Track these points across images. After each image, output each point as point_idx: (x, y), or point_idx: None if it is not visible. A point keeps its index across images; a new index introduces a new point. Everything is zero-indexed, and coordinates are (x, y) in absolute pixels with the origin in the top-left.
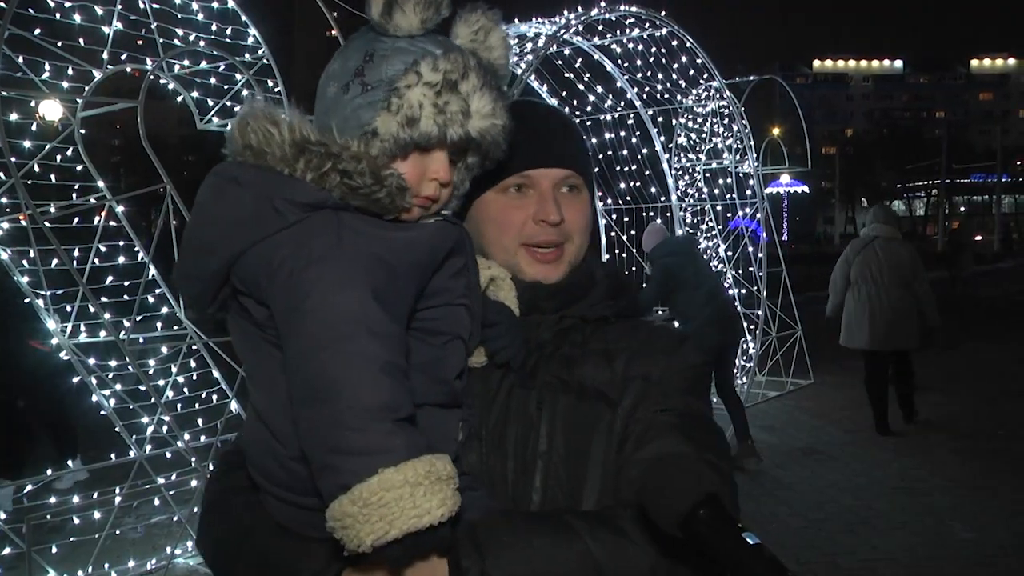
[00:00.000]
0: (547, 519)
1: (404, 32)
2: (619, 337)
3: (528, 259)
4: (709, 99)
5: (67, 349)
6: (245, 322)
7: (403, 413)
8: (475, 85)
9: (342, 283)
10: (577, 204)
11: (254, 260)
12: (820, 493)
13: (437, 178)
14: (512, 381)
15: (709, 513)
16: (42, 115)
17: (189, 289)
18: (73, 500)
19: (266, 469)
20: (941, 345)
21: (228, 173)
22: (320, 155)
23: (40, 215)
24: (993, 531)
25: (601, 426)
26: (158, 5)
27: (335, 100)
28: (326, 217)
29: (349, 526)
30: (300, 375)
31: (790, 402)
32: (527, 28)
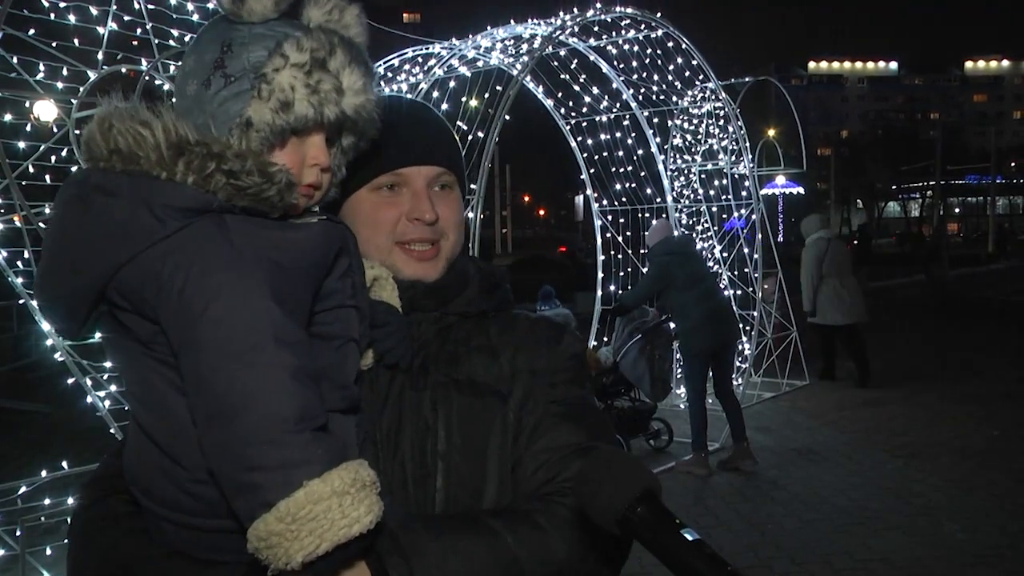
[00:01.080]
0: (466, 521)
1: (259, 17)
2: (500, 331)
3: (404, 258)
4: (705, 100)
5: (62, 350)
6: (126, 340)
7: (319, 421)
8: (343, 61)
9: (242, 290)
10: (450, 201)
11: (136, 273)
12: (815, 494)
13: (317, 163)
14: (402, 382)
15: (647, 510)
16: (37, 116)
17: (56, 312)
18: (68, 502)
19: (160, 493)
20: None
21: (91, 181)
22: (202, 156)
23: (35, 216)
24: (987, 532)
25: (496, 421)
26: (153, 6)
27: (197, 97)
28: (212, 221)
29: (276, 545)
30: (206, 390)
31: (785, 403)
32: (523, 29)
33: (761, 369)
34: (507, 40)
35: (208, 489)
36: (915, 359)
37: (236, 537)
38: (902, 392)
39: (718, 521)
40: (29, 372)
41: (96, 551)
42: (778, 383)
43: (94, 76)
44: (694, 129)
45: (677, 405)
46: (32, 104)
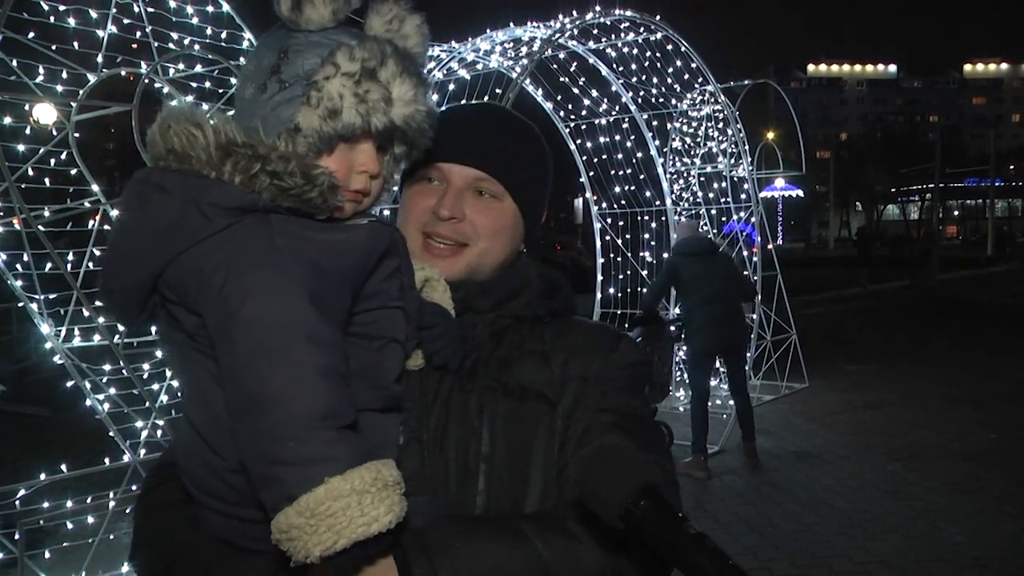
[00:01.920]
0: (496, 524)
1: (316, 25)
2: (555, 337)
3: (422, 250)
4: (704, 103)
5: (61, 353)
6: (175, 332)
7: (346, 420)
8: (394, 72)
9: (279, 289)
10: (488, 209)
11: (183, 268)
12: (814, 496)
13: (366, 170)
14: (451, 384)
15: (649, 505)
16: (36, 119)
17: (114, 302)
18: (67, 505)
19: (203, 482)
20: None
21: (151, 180)
22: (248, 157)
23: (34, 219)
24: (986, 534)
25: (542, 427)
26: (153, 9)
27: (253, 101)
28: (257, 221)
29: (296, 538)
30: (238, 385)
31: (784, 406)
32: (522, 32)
33: (760, 372)
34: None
35: (243, 479)
36: (914, 361)
37: (267, 527)
38: (901, 394)
39: (717, 523)
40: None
41: (150, 535)
42: (777, 386)
43: (93, 79)
44: (693, 132)
45: (676, 408)
46: (31, 107)
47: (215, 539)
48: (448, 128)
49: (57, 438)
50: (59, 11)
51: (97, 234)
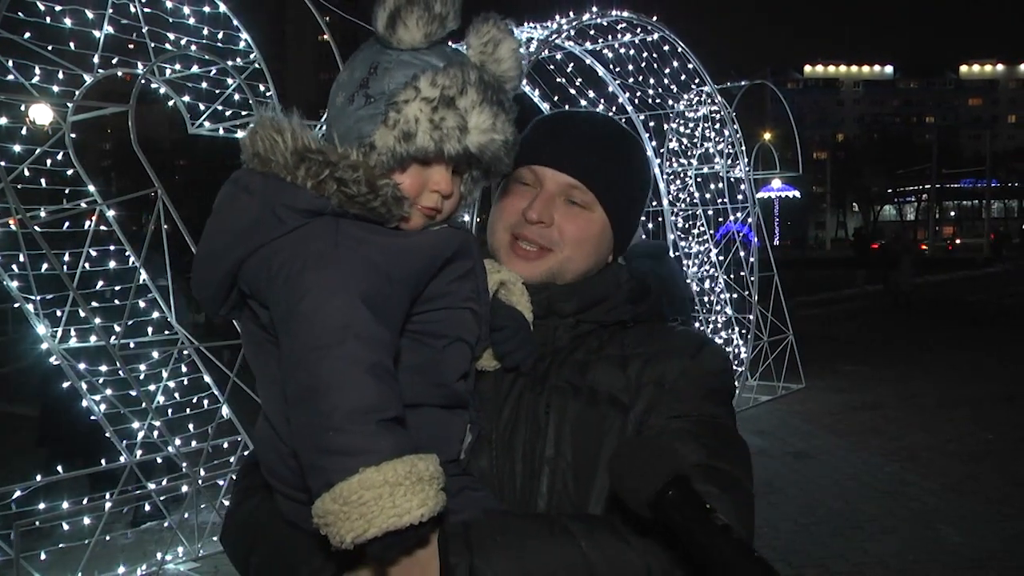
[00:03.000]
0: (544, 521)
1: (407, 46)
2: (637, 342)
3: (508, 250)
4: (700, 104)
5: (57, 354)
6: (252, 324)
7: (389, 414)
8: (474, 101)
9: (333, 288)
10: (577, 218)
11: (256, 264)
12: (811, 497)
13: (438, 190)
14: (523, 385)
15: (678, 495)
16: (32, 119)
17: (203, 293)
18: (63, 506)
19: (271, 466)
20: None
21: (241, 181)
22: (319, 163)
23: (30, 219)
24: (982, 535)
25: (612, 432)
26: (149, 9)
27: (341, 110)
28: (325, 223)
29: (331, 523)
30: (292, 376)
31: (781, 406)
32: (519, 33)
33: (757, 372)
34: None
35: (299, 463)
36: (911, 362)
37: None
38: (898, 395)
39: None
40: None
41: (238, 518)
42: (774, 386)
43: (90, 80)
44: (690, 133)
45: None
46: (28, 107)
47: (288, 522)
48: (548, 131)
49: None
50: (55, 12)
51: (93, 235)
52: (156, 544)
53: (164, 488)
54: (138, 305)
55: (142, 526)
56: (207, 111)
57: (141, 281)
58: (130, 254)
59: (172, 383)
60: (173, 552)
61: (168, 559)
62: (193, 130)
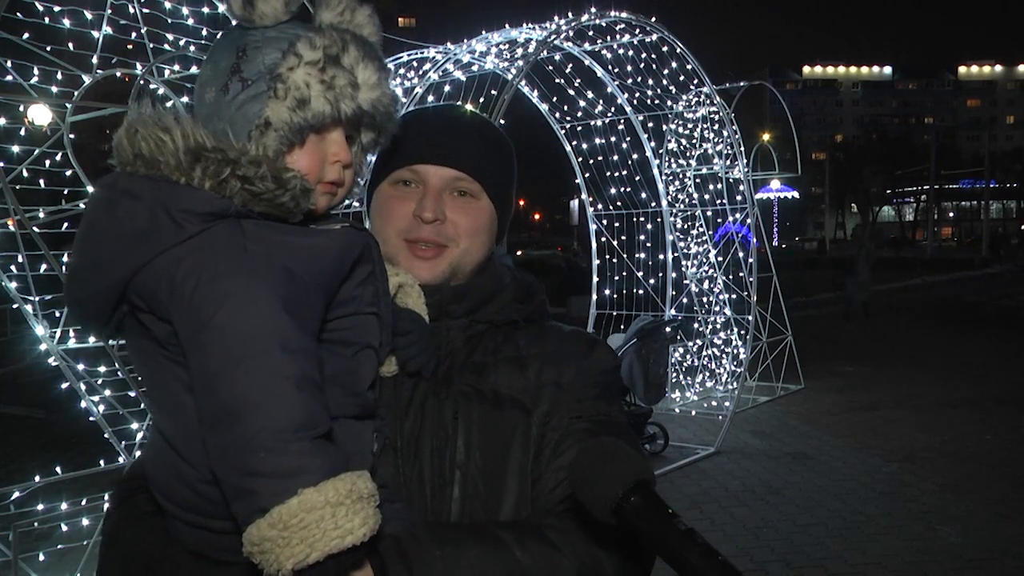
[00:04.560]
0: (474, 531)
1: (271, 20)
2: (531, 343)
3: (406, 254)
4: (699, 105)
5: (56, 355)
6: (144, 340)
7: (320, 430)
8: (357, 57)
9: (251, 297)
10: (467, 208)
11: (153, 274)
12: (809, 498)
13: (339, 159)
14: (425, 390)
15: (640, 500)
16: (31, 120)
17: (82, 311)
18: (61, 507)
19: (174, 493)
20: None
21: (119, 185)
22: (218, 161)
23: (29, 220)
24: (981, 536)
25: (517, 434)
26: (148, 10)
27: (216, 103)
28: (229, 227)
29: (268, 550)
30: (210, 395)
31: (780, 407)
32: (518, 33)
33: (756, 373)
34: (502, 44)
35: (215, 490)
36: (910, 363)
37: (239, 539)
38: (897, 396)
39: (713, 525)
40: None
41: (121, 548)
42: (773, 387)
43: (88, 80)
44: (689, 133)
45: (672, 409)
46: (26, 108)
47: (187, 551)
48: (419, 130)
49: (52, 440)
50: (54, 12)
51: None
52: None
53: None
54: None
55: None
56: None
57: None
58: None
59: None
60: None
61: None
62: None
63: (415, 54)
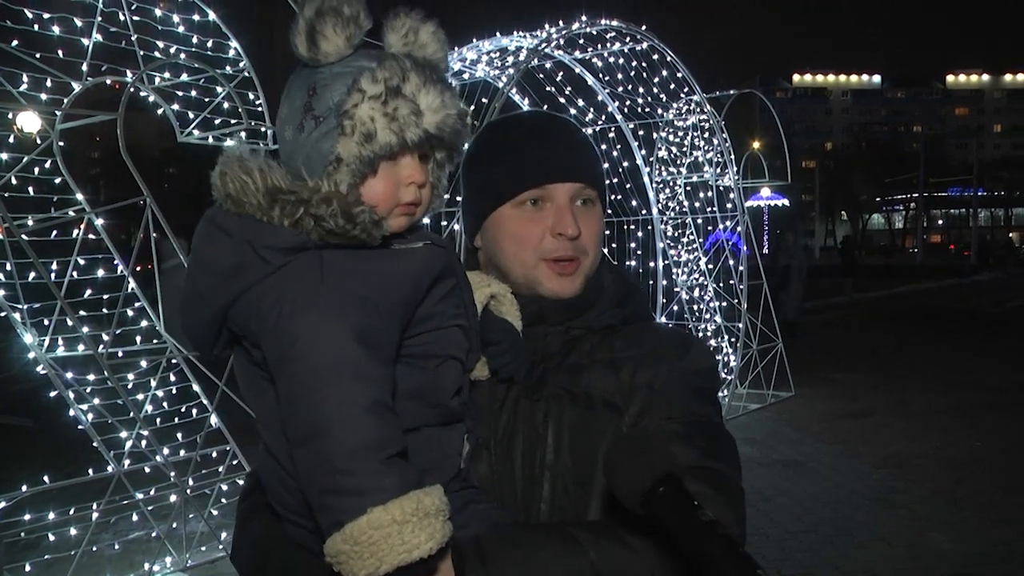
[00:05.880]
0: (551, 531)
1: (334, 57)
2: (626, 345)
3: (548, 273)
4: (690, 113)
5: (44, 363)
6: (246, 362)
7: (392, 450)
8: (418, 84)
9: (326, 330)
10: (592, 218)
11: (245, 307)
12: (800, 505)
13: (413, 181)
14: (519, 392)
15: (667, 492)
16: (20, 127)
17: (193, 333)
18: (49, 516)
19: (278, 495)
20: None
21: (216, 220)
22: (292, 203)
23: (18, 228)
24: (972, 542)
25: (608, 435)
26: (138, 17)
27: (294, 141)
28: (308, 258)
29: (344, 561)
30: (292, 418)
31: (771, 414)
32: (508, 42)
33: (747, 380)
34: (493, 52)
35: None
36: (900, 370)
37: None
38: (887, 403)
39: None
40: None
41: (247, 536)
42: (763, 395)
43: (78, 88)
44: (679, 141)
45: None
46: (15, 115)
47: (296, 544)
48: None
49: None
50: (44, 19)
51: (81, 243)
52: (143, 554)
53: (152, 498)
54: (126, 314)
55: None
56: (196, 120)
57: (129, 290)
58: (118, 263)
59: (160, 392)
60: (161, 562)
61: (155, 569)
62: (182, 138)
63: None
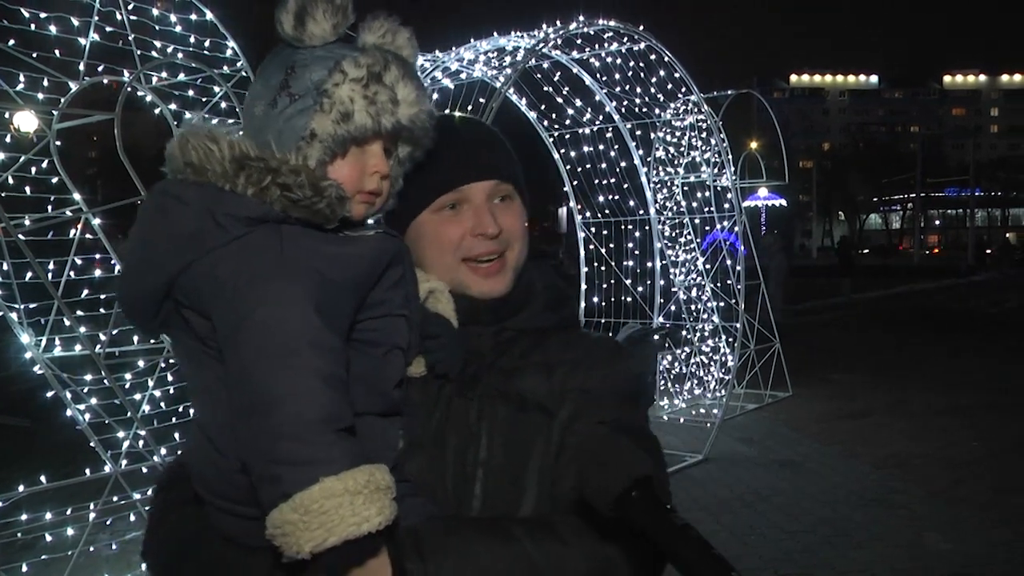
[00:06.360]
0: (488, 525)
1: (319, 40)
2: (559, 349)
3: (471, 276)
4: (687, 113)
5: (41, 363)
6: (187, 336)
7: (344, 424)
8: (398, 75)
9: (287, 298)
10: (511, 211)
11: (198, 273)
12: (798, 505)
13: (377, 171)
14: (452, 390)
15: (641, 495)
16: (17, 127)
17: (132, 306)
18: (46, 517)
19: (208, 481)
20: None
21: (170, 191)
22: (260, 170)
23: (14, 228)
24: (970, 542)
25: (539, 438)
26: (135, 17)
27: (265, 117)
28: (269, 231)
29: (289, 533)
30: (243, 387)
31: (768, 414)
32: (506, 42)
33: (744, 380)
34: (490, 52)
35: (245, 479)
36: (898, 370)
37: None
38: (885, 403)
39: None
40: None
41: (164, 531)
42: (761, 394)
43: (75, 87)
44: (677, 141)
45: (661, 417)
46: (12, 115)
47: (222, 538)
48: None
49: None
50: (40, 19)
51: (78, 243)
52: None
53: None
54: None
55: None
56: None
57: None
58: (115, 262)
59: (158, 392)
60: None
61: None
62: None
63: None
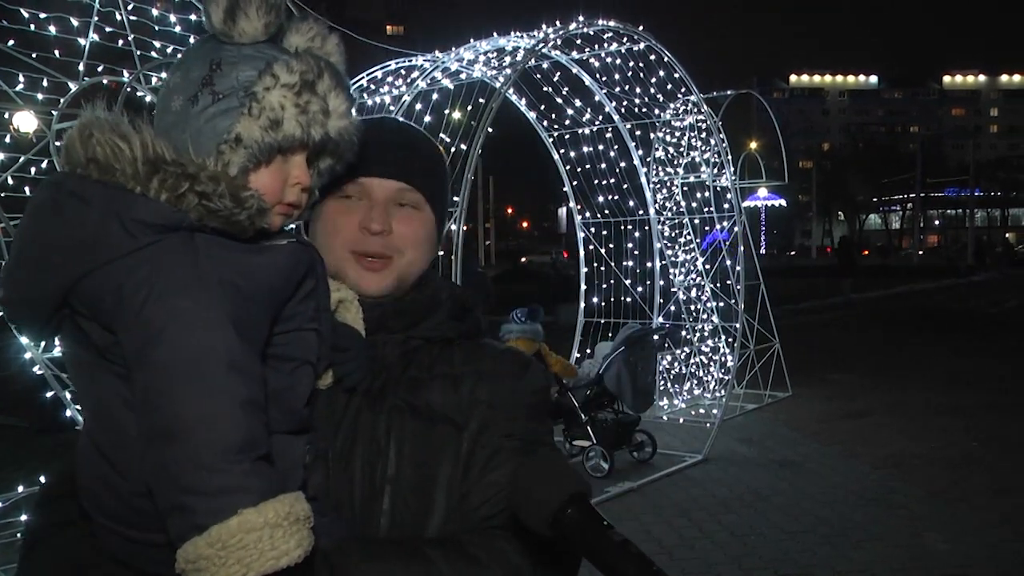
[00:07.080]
0: (401, 547)
1: (249, 38)
2: (465, 360)
3: (355, 266)
4: (687, 113)
5: (41, 363)
6: (82, 348)
7: (261, 451)
8: (330, 85)
9: (202, 315)
10: (410, 219)
11: (100, 282)
12: (797, 505)
13: (299, 183)
14: (360, 403)
15: (577, 512)
16: (16, 127)
17: (19, 311)
18: None
19: (103, 503)
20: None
21: (68, 187)
22: (176, 175)
23: (14, 228)
24: (968, 542)
25: (448, 451)
26: (135, 17)
27: (183, 113)
28: (181, 240)
29: (203, 568)
30: (154, 410)
31: (768, 414)
32: (506, 42)
33: (744, 381)
34: (490, 53)
35: (149, 504)
36: (897, 370)
37: (171, 552)
38: (884, 403)
39: (701, 533)
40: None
41: (48, 553)
42: (760, 395)
43: (75, 87)
44: (676, 142)
45: (660, 417)
46: (12, 115)
47: (115, 561)
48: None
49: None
50: (40, 19)
51: None
52: None
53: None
54: None
55: None
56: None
57: None
58: None
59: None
60: None
61: None
62: None
63: (403, 62)
